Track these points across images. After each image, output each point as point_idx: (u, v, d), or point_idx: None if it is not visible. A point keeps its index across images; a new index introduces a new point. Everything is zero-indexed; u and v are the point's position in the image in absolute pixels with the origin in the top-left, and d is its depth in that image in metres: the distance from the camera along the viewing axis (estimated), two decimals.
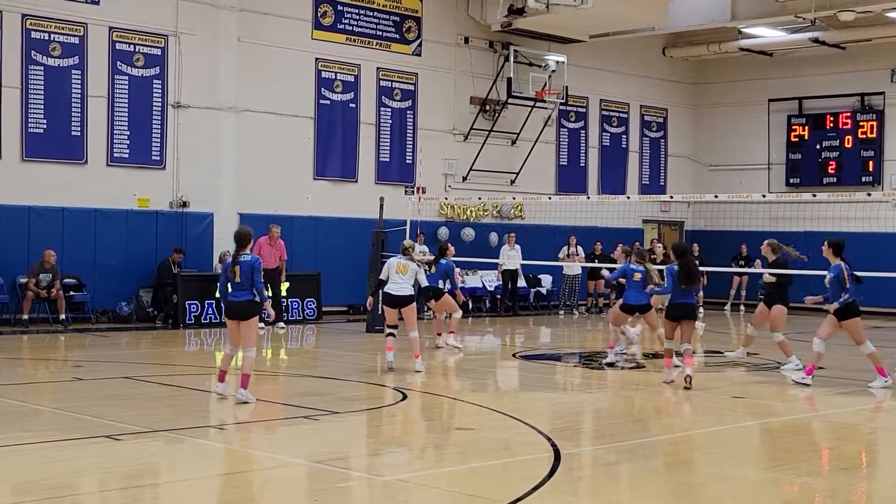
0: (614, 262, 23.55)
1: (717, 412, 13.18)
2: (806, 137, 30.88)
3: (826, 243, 14.89)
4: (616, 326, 16.75)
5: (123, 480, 8.72)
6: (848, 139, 30.09)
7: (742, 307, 28.95)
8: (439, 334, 18.10)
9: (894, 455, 10.87)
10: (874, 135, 29.70)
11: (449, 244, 19.35)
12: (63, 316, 20.67)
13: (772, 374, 16.34)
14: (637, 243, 23.92)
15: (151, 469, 9.31)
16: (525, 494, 8.24)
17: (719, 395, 14.43)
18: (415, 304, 15.48)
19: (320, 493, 8.49)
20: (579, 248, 27.21)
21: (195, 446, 10.18)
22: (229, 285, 12.50)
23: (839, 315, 14.63)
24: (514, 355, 17.58)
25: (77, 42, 21.73)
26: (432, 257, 23.58)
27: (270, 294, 19.53)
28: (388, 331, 15.48)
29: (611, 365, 16.23)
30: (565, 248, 27.11)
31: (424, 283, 15.96)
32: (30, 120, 21.23)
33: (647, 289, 15.92)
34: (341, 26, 25.44)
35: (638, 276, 16.10)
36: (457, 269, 19.61)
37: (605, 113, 31.12)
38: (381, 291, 16.14)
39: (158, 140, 22.79)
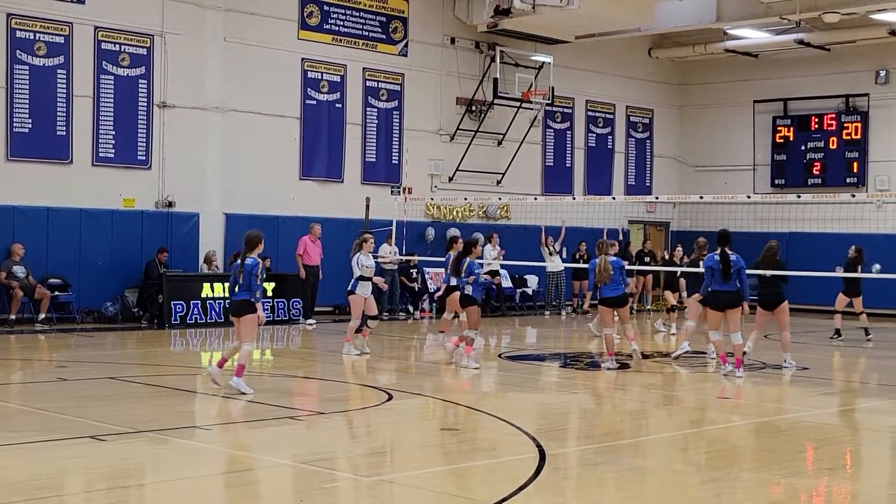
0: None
1: (703, 412, 13.22)
2: (791, 139, 30.99)
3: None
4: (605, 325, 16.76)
5: (108, 481, 8.70)
6: (833, 140, 30.20)
7: None
8: (442, 331, 18.50)
9: (879, 456, 10.91)
10: (859, 136, 29.82)
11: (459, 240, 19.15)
12: (42, 315, 20.61)
13: (757, 374, 16.38)
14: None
15: (136, 469, 9.29)
16: (510, 495, 8.25)
17: (705, 395, 14.48)
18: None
19: (306, 494, 8.49)
20: (557, 245, 27.23)
21: (180, 447, 10.16)
22: (237, 286, 13.18)
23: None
24: (499, 356, 17.58)
25: (62, 42, 21.68)
26: (397, 258, 23.73)
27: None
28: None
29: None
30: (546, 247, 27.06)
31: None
32: (15, 119, 21.17)
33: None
34: (327, 26, 25.44)
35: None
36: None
37: (590, 114, 31.17)
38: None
39: (144, 140, 22.75)
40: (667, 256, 26.03)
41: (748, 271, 16.50)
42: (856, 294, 21.30)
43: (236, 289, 13.20)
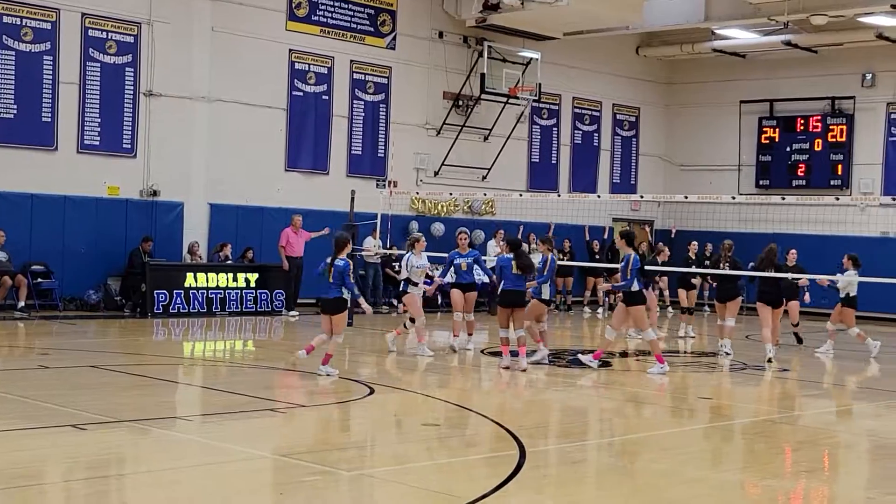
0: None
1: (683, 413, 13.26)
2: (776, 140, 31.08)
3: (618, 235, 16.21)
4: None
5: (88, 470, 8.69)
6: (818, 142, 30.30)
7: (706, 308, 28.57)
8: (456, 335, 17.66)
9: (857, 458, 10.97)
10: (844, 139, 29.92)
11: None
12: (22, 303, 20.51)
13: (738, 375, 16.46)
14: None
15: (117, 459, 9.28)
16: (491, 491, 8.27)
17: (686, 395, 14.53)
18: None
19: (286, 487, 8.49)
20: (539, 244, 27.17)
21: (161, 437, 10.15)
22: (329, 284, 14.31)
23: (626, 301, 15.70)
24: (482, 352, 17.59)
25: (49, 28, 21.59)
26: (381, 252, 23.78)
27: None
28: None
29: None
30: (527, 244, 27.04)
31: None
32: (0, 105, 21.08)
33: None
34: (316, 18, 25.39)
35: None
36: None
37: (577, 111, 31.20)
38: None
39: (130, 128, 22.69)
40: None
41: (749, 273, 17.32)
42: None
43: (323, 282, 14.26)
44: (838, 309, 19.30)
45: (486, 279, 21.12)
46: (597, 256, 27.55)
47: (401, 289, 17.41)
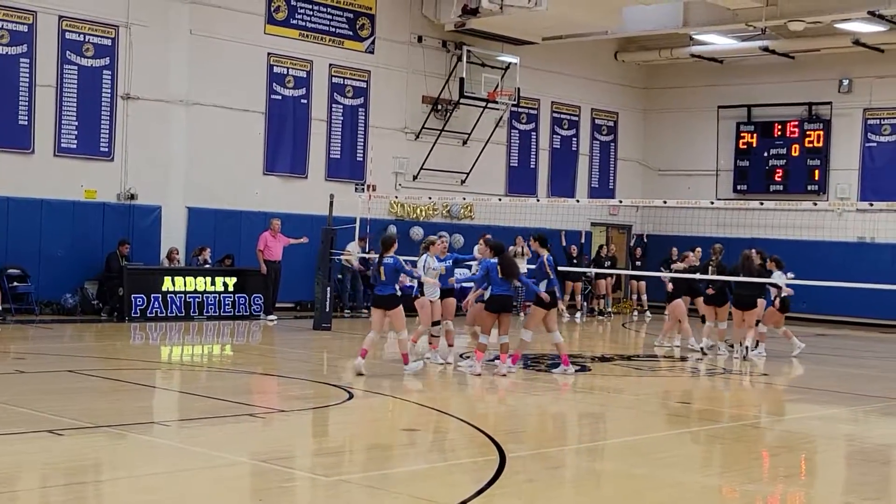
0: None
1: (663, 417, 13.28)
2: (754, 145, 31.18)
3: (532, 237, 16.54)
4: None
5: (65, 476, 8.63)
6: (795, 148, 30.42)
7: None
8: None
9: (834, 463, 11.01)
10: (821, 144, 30.03)
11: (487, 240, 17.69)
12: (0, 307, 20.38)
13: (717, 379, 16.50)
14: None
15: (94, 465, 9.22)
16: (471, 497, 8.26)
17: (665, 399, 14.55)
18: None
19: (264, 493, 8.46)
20: (527, 247, 27.17)
21: (139, 442, 10.10)
22: (379, 282, 14.97)
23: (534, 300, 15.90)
24: (461, 356, 17.57)
25: (26, 30, 21.47)
26: (358, 257, 23.74)
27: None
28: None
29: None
30: (512, 247, 27.04)
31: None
32: None
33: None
34: (294, 21, 25.34)
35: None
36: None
37: (556, 115, 31.23)
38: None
39: (107, 131, 22.57)
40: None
41: (728, 278, 17.66)
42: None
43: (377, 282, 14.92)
44: (771, 310, 19.38)
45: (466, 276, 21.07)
46: (574, 261, 27.54)
47: (414, 292, 17.21)
